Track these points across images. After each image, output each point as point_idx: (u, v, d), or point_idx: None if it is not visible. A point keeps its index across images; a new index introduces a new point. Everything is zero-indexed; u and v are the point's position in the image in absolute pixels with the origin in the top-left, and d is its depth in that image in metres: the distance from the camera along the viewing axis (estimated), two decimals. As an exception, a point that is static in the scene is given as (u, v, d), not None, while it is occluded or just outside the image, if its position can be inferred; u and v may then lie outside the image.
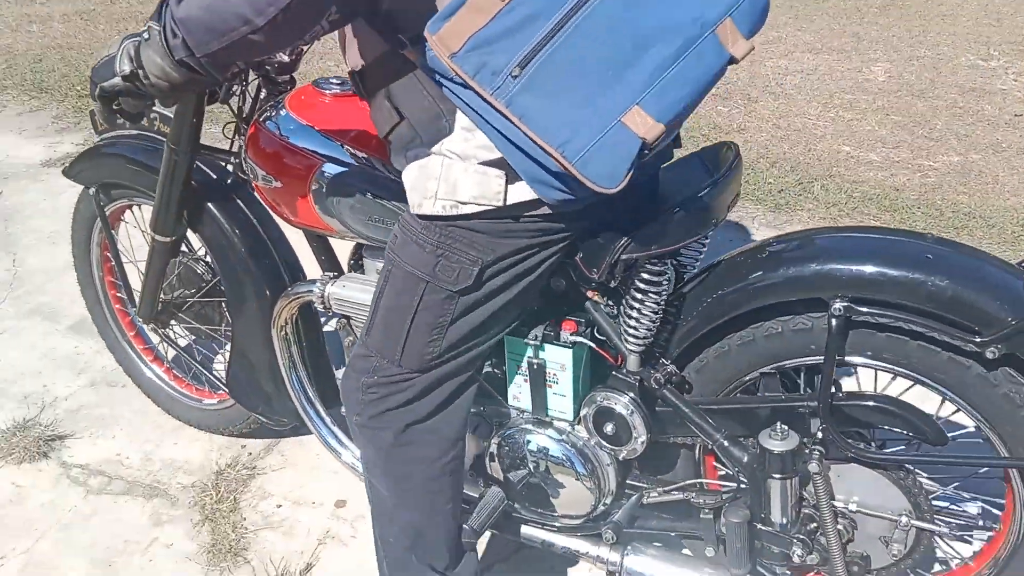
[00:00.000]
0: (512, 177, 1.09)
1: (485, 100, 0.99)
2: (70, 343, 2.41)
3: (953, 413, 1.27)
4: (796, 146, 3.78)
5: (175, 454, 2.03)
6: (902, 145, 3.72)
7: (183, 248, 1.84)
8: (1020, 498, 1.24)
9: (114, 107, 1.20)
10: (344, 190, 1.43)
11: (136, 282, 1.92)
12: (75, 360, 2.34)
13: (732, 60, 1.03)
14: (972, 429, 1.28)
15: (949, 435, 1.24)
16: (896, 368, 1.21)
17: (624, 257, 1.21)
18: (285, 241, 1.75)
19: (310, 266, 1.73)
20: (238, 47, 1.01)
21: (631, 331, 1.29)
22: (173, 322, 1.95)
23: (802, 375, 1.33)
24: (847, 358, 1.22)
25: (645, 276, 1.26)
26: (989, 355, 1.11)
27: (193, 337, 2.04)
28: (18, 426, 2.08)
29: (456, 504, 1.36)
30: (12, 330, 2.46)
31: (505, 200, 1.11)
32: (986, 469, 1.29)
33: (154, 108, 1.57)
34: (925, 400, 1.29)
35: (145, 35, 1.11)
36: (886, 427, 1.26)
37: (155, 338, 2.07)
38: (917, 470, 1.30)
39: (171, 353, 2.11)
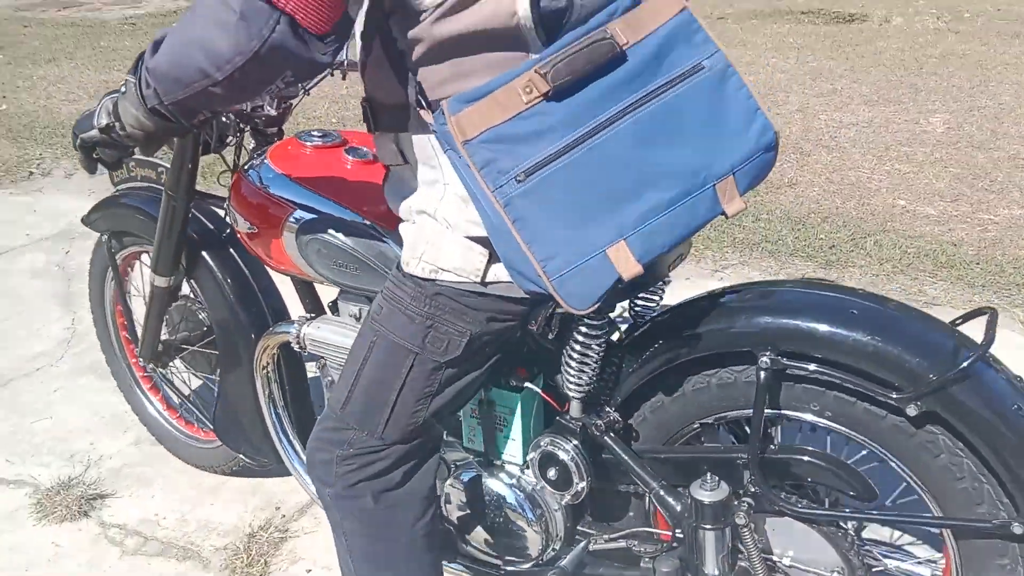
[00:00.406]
0: (494, 257, 1.11)
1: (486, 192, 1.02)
2: (119, 401, 2.46)
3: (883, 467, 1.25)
4: (849, 200, 3.70)
5: (211, 515, 2.05)
6: (961, 198, 3.61)
7: (188, 293, 1.92)
8: (956, 557, 1.20)
9: (94, 156, 1.28)
10: (313, 236, 1.48)
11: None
12: (123, 418, 2.40)
13: (723, 214, 1.07)
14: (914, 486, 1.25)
15: (893, 492, 1.24)
16: (825, 421, 1.21)
17: (559, 312, 1.26)
18: (273, 286, 1.82)
19: (299, 311, 1.76)
20: (201, 97, 1.06)
21: (572, 379, 1.32)
22: (174, 363, 2.04)
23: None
24: (779, 411, 1.23)
25: (583, 330, 1.28)
26: (909, 411, 1.11)
27: (193, 377, 2.12)
28: (62, 484, 2.13)
29: (439, 559, 1.37)
30: (67, 388, 2.53)
31: (484, 278, 1.13)
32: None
33: (133, 156, 1.62)
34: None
35: (122, 88, 1.18)
36: (815, 482, 1.26)
37: (160, 378, 2.17)
38: (852, 525, 1.28)
39: (173, 392, 2.19)
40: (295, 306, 1.79)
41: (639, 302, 1.40)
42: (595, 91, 1.00)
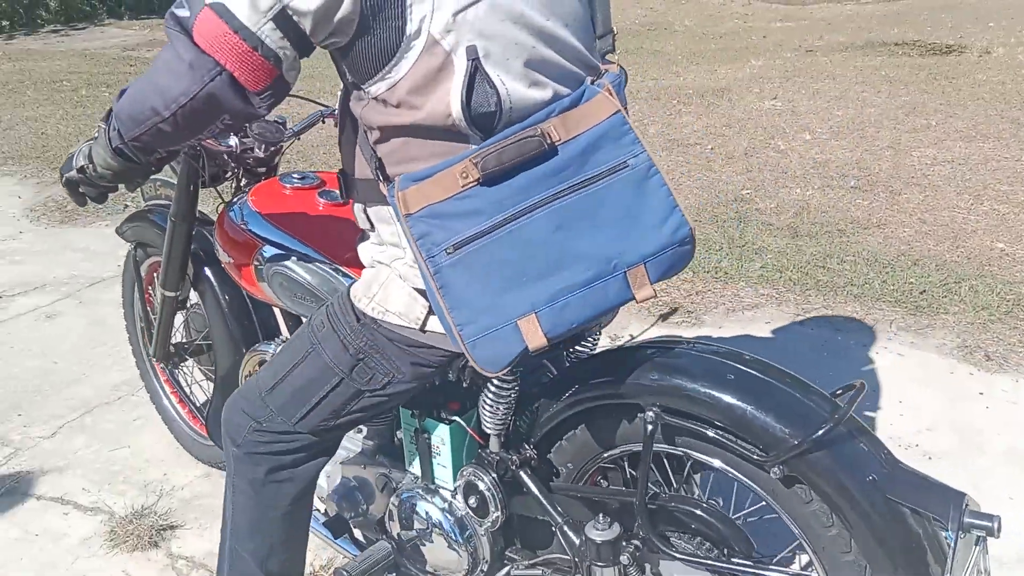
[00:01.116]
0: (433, 311, 1.25)
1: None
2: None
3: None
4: (942, 243, 3.53)
5: (275, 551, 2.05)
6: (1066, 242, 3.41)
7: (197, 301, 2.08)
8: None
9: (80, 191, 1.45)
10: (277, 270, 1.66)
11: None
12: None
13: (633, 299, 1.15)
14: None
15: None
16: (721, 464, 1.30)
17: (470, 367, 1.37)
18: (266, 306, 1.96)
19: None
20: (153, 134, 1.21)
21: (487, 420, 1.44)
22: (186, 364, 2.28)
23: (669, 469, 1.45)
24: (670, 448, 1.34)
25: (493, 383, 1.41)
26: (772, 474, 1.20)
27: (200, 378, 2.32)
28: (136, 513, 2.17)
29: (305, 534, 1.54)
30: (145, 418, 2.60)
31: (423, 327, 1.28)
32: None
33: (155, 176, 1.85)
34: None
35: (96, 134, 1.36)
36: (697, 531, 1.36)
37: (179, 376, 2.39)
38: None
39: (185, 390, 2.39)
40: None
41: (574, 350, 1.55)
42: (523, 180, 1.12)
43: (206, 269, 1.99)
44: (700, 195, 4.20)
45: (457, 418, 1.51)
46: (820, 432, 1.15)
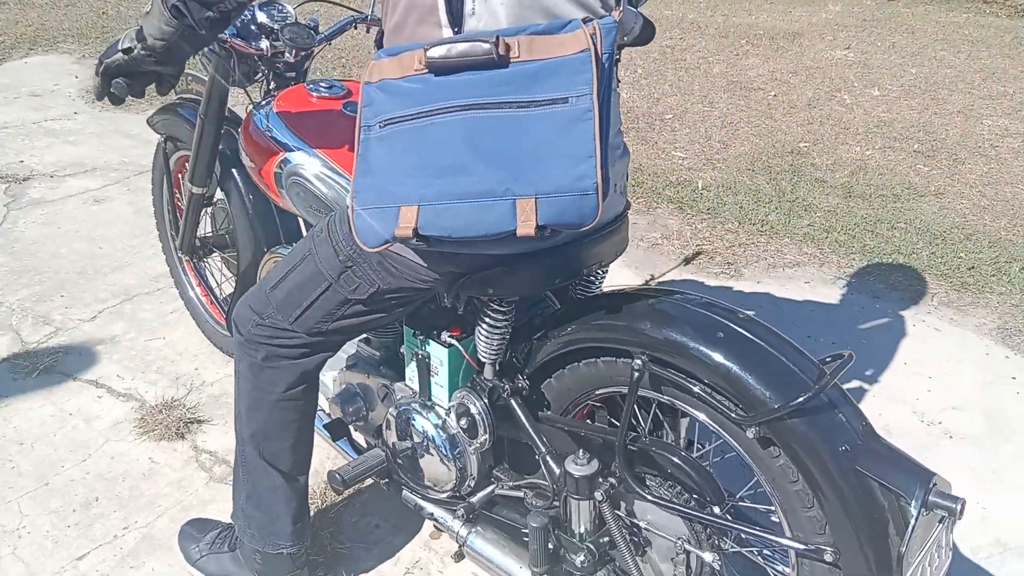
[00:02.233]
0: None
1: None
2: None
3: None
4: (999, 219, 3.42)
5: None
6: None
7: (223, 197, 2.13)
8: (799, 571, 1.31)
9: (117, 81, 1.46)
10: (294, 178, 1.69)
11: None
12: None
13: (513, 231, 1.12)
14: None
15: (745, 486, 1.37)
16: (696, 412, 1.33)
17: (461, 293, 1.42)
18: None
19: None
20: None
21: (482, 347, 1.49)
22: (211, 257, 2.38)
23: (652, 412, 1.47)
24: (655, 395, 1.38)
25: (488, 311, 1.45)
26: (748, 434, 1.23)
27: (223, 271, 2.41)
28: (165, 404, 2.25)
29: (304, 428, 1.61)
30: (183, 310, 2.65)
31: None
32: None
33: (187, 71, 1.87)
34: None
35: (146, 9, 1.38)
36: (671, 475, 1.40)
37: (204, 269, 2.48)
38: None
39: (208, 280, 2.47)
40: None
41: (580, 286, 1.58)
42: (463, 79, 1.13)
43: (232, 169, 2.03)
44: (756, 143, 4.09)
45: (455, 342, 1.55)
46: (800, 399, 1.16)
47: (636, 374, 1.31)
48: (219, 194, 2.16)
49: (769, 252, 3.14)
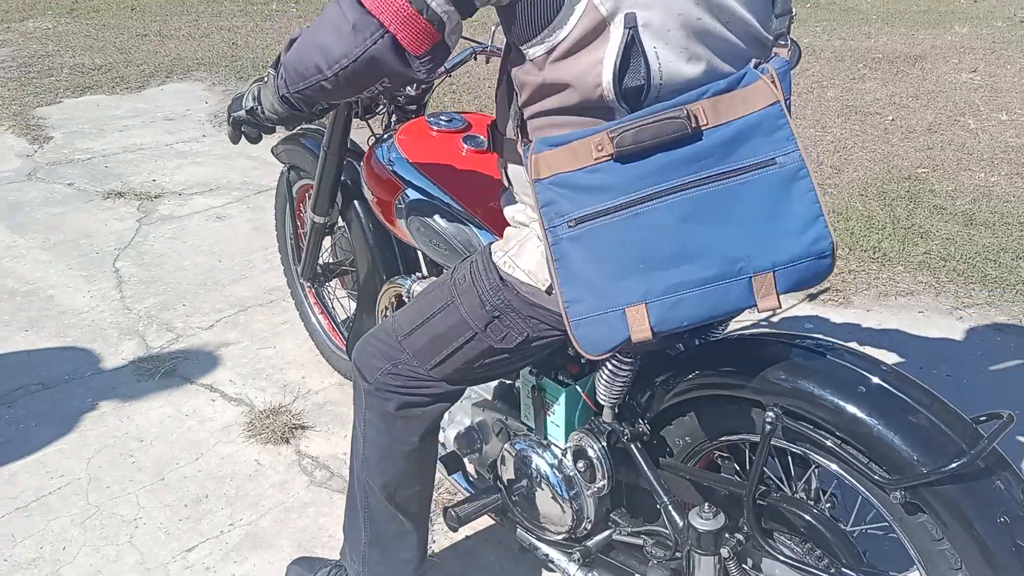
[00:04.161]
0: None
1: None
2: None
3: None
4: None
5: (391, 464, 2.18)
6: None
7: (345, 226, 2.17)
8: None
9: (241, 130, 1.53)
10: (416, 215, 1.71)
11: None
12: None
13: (754, 307, 1.08)
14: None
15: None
16: (834, 467, 1.24)
17: None
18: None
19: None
20: (315, 89, 1.25)
21: (602, 391, 1.44)
22: (332, 284, 2.41)
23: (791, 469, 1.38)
24: (786, 445, 1.29)
25: (613, 358, 1.39)
26: (893, 499, 1.14)
27: (344, 299, 2.45)
28: (273, 410, 2.35)
29: (431, 472, 1.58)
30: (292, 323, 2.78)
31: (549, 288, 1.25)
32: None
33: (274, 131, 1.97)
34: None
35: (265, 79, 1.42)
36: (805, 536, 1.31)
37: (323, 293, 2.54)
38: None
39: (330, 307, 2.53)
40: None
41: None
42: (659, 162, 1.06)
43: (354, 199, 2.07)
44: (871, 168, 3.96)
45: (573, 383, 1.51)
46: (954, 465, 1.07)
47: (769, 425, 1.21)
48: (340, 222, 2.22)
49: (881, 280, 3.03)
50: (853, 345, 1.35)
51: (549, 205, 1.10)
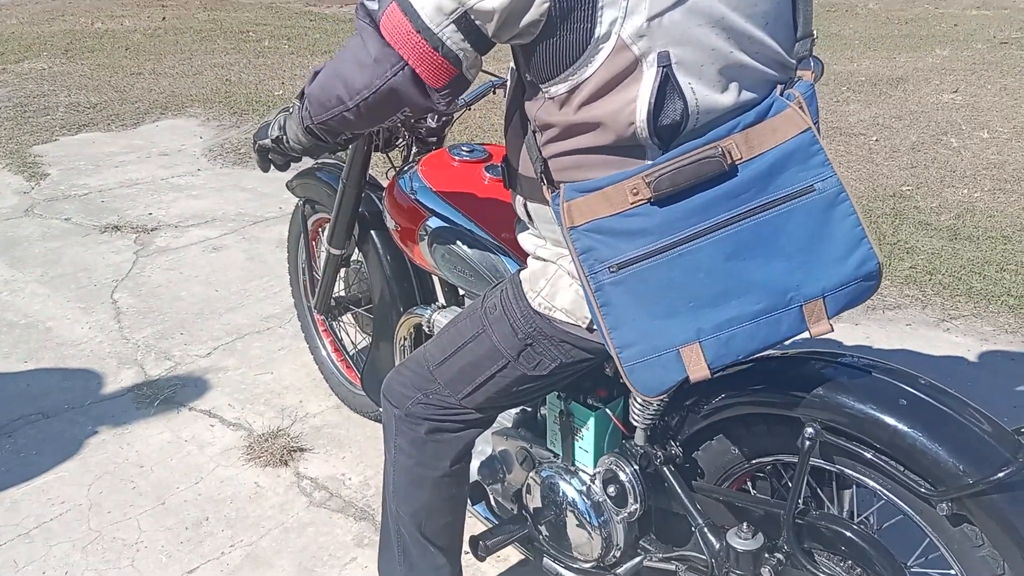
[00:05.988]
0: None
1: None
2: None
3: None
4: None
5: (390, 484, 2.20)
6: None
7: (360, 258, 2.18)
8: None
9: (268, 158, 1.56)
10: (440, 243, 1.71)
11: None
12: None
13: (806, 333, 1.08)
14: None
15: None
16: (874, 484, 1.24)
17: None
18: (426, 272, 2.00)
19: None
20: (338, 121, 1.26)
21: (636, 414, 1.41)
22: (344, 317, 2.38)
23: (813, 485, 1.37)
24: (824, 464, 1.28)
25: None
26: (939, 511, 1.13)
27: (359, 332, 2.44)
28: (271, 433, 2.38)
29: (461, 502, 1.57)
30: (289, 349, 2.82)
31: (590, 326, 1.24)
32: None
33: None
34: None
35: (290, 109, 1.45)
36: (847, 554, 1.29)
37: (335, 327, 2.52)
38: None
39: (341, 340, 2.52)
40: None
41: None
42: (698, 201, 1.05)
43: (372, 231, 2.07)
44: (856, 187, 4.03)
45: (603, 406, 1.50)
46: (1002, 474, 1.06)
47: (808, 441, 1.20)
48: (355, 255, 2.23)
49: (868, 294, 3.07)
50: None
51: (588, 252, 1.09)
